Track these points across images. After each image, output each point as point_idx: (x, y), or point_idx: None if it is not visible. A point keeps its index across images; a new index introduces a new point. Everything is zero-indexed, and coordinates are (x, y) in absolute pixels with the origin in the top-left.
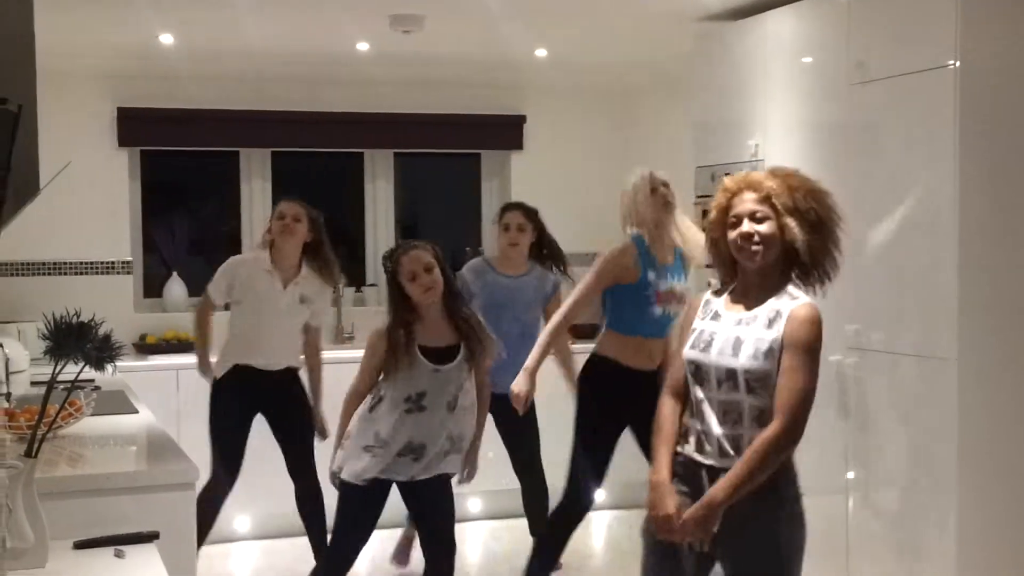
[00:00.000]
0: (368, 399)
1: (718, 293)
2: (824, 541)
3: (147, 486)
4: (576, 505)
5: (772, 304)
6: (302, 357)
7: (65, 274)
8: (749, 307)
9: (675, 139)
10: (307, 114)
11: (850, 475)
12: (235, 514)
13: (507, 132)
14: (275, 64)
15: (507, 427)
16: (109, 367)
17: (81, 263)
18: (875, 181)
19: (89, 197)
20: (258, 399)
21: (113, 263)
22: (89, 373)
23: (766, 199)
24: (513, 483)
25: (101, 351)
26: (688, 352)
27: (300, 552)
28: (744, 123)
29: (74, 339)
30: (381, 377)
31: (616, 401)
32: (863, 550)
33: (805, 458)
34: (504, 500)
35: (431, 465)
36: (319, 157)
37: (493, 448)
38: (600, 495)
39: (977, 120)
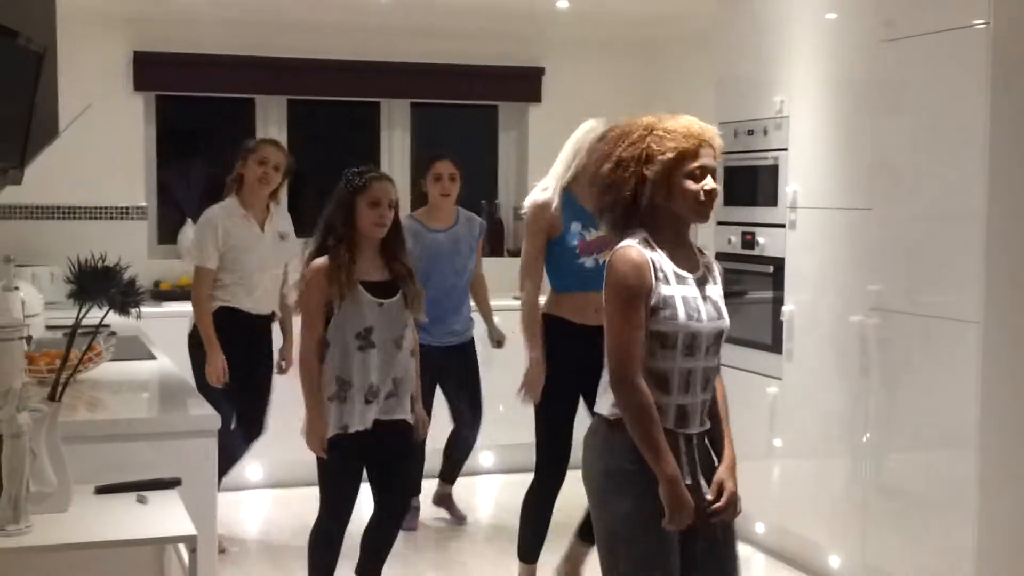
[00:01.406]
0: (326, 345)
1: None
2: (842, 501)
3: (168, 432)
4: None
5: (700, 260)
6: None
7: (79, 218)
8: (688, 265)
9: (697, 95)
10: (324, 62)
11: (867, 436)
12: (248, 462)
13: (525, 84)
14: (294, 10)
15: (450, 379)
16: (133, 312)
17: (95, 208)
18: (902, 140)
19: (104, 141)
20: (244, 341)
21: (127, 208)
22: (110, 317)
23: (715, 158)
24: (527, 438)
25: (126, 296)
26: (688, 324)
27: (313, 501)
28: (770, 80)
29: (100, 283)
30: (330, 324)
31: (570, 360)
32: (881, 512)
33: (825, 419)
34: (516, 454)
35: (388, 408)
36: (335, 106)
37: (504, 402)
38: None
39: (1008, 80)
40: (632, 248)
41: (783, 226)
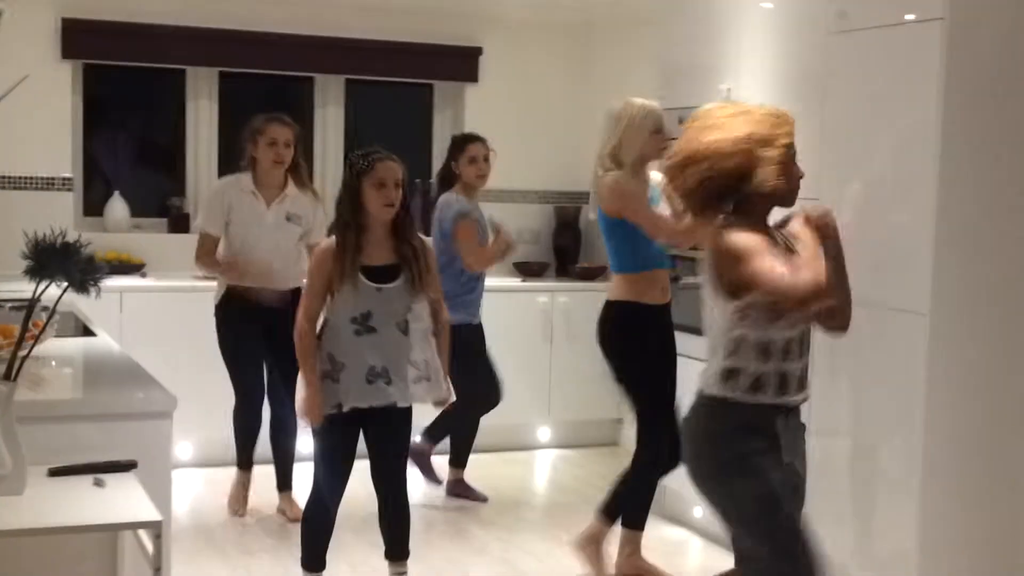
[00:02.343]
0: (324, 326)
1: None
2: None
3: (122, 414)
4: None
5: (779, 237)
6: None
7: (3, 188)
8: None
9: (637, 78)
10: (258, 34)
11: (811, 424)
12: (176, 440)
13: (462, 63)
14: None
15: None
16: (93, 290)
17: (20, 178)
18: (852, 132)
19: (29, 110)
20: (255, 319)
21: (53, 179)
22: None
23: None
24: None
25: (86, 273)
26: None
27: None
28: (716, 66)
29: (59, 260)
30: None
31: (655, 340)
32: (824, 499)
33: None
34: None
35: (405, 393)
36: (268, 80)
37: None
38: (545, 434)
39: (961, 76)
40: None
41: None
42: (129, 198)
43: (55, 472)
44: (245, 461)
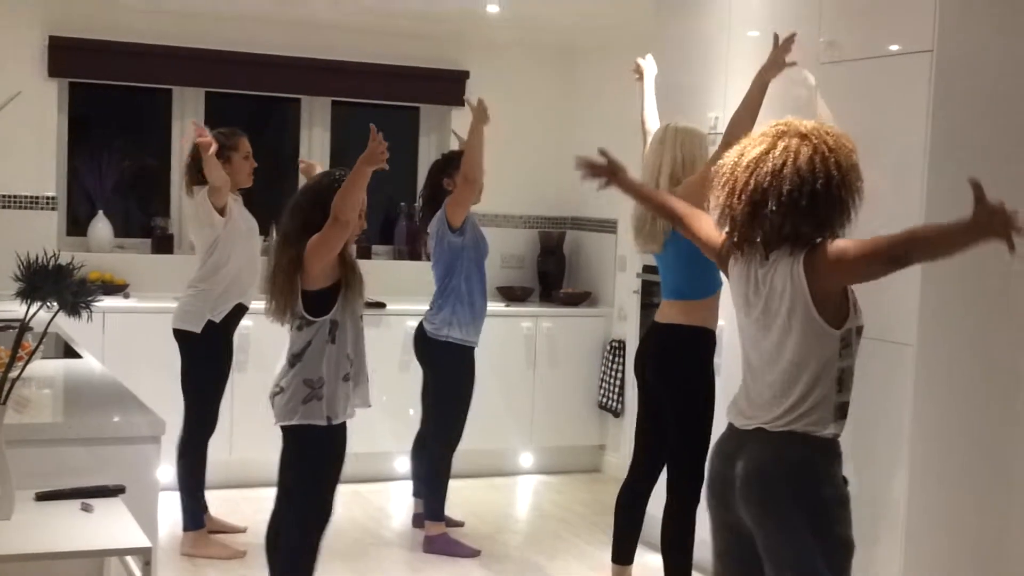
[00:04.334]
0: (326, 328)
1: None
2: None
3: (110, 438)
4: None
5: None
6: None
7: None
8: None
9: (624, 105)
10: (245, 55)
11: None
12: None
13: (449, 87)
14: (216, 1)
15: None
16: (84, 313)
17: (3, 196)
18: None
19: (14, 128)
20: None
21: (37, 198)
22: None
23: None
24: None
25: (78, 296)
26: (862, 318)
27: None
28: (704, 95)
29: (51, 282)
30: (337, 304)
31: (711, 368)
32: None
33: None
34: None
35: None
36: (255, 100)
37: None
38: (527, 459)
39: (949, 108)
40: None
41: None
42: (113, 218)
43: (43, 496)
44: (202, 513)
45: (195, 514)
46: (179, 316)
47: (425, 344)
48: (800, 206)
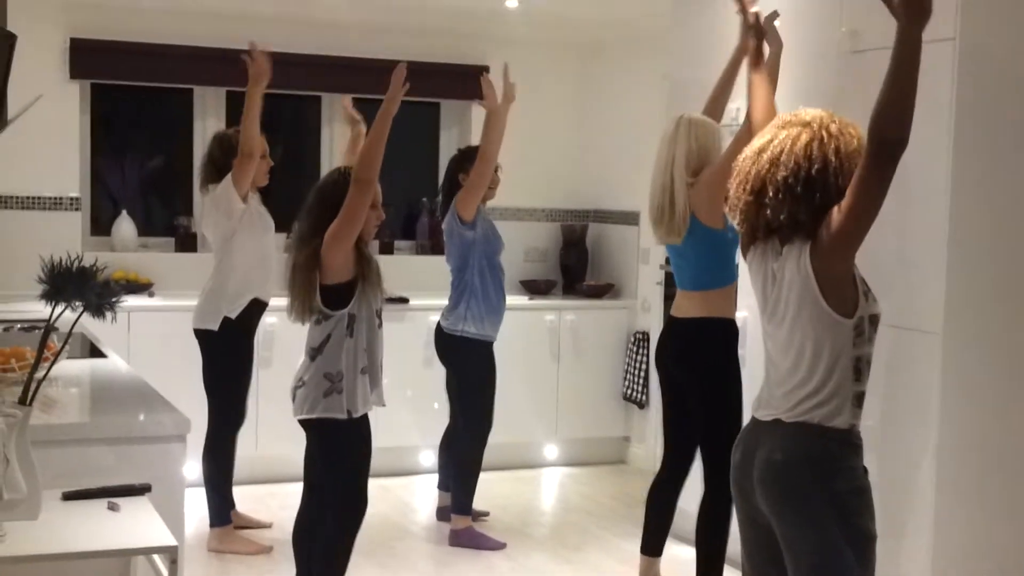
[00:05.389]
0: (344, 322)
1: None
2: None
3: (137, 437)
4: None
5: None
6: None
7: (11, 208)
8: None
9: (644, 98)
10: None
11: None
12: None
13: (469, 82)
14: (235, 1)
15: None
16: (109, 315)
17: (27, 198)
18: None
19: (37, 130)
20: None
21: (60, 199)
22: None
23: None
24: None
25: (102, 297)
26: (878, 307)
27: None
28: None
29: (75, 284)
30: (354, 298)
31: (735, 358)
32: None
33: None
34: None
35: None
36: (276, 98)
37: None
38: (552, 452)
39: (973, 96)
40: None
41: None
42: (136, 217)
43: (69, 496)
44: (229, 509)
45: (221, 510)
46: (197, 315)
47: (443, 340)
48: (795, 192)
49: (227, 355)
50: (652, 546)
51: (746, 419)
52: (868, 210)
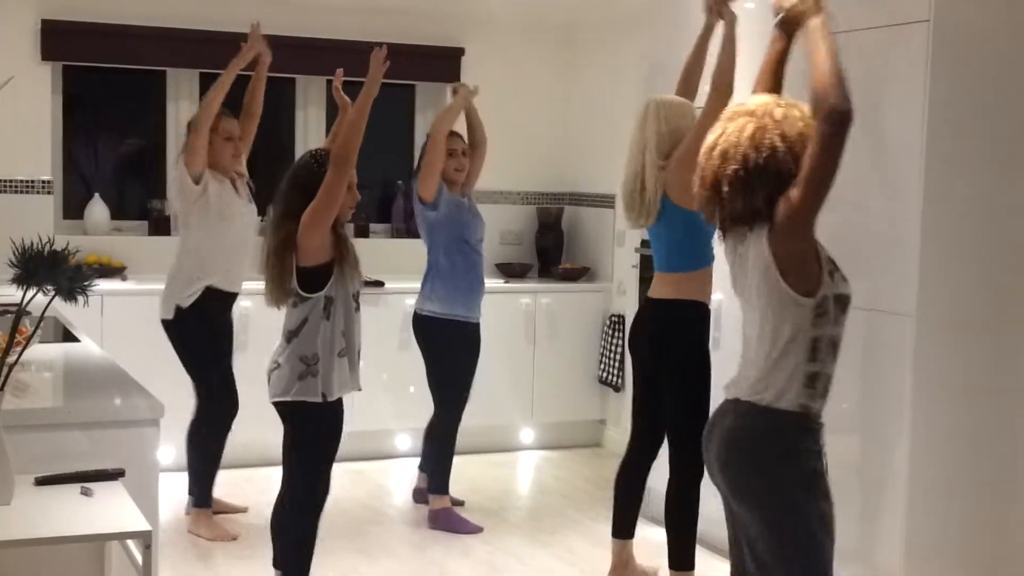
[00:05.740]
0: (320, 305)
1: None
2: None
3: (110, 421)
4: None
5: None
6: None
7: None
8: None
9: (622, 80)
10: (238, 36)
11: None
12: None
13: (445, 64)
14: None
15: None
16: (81, 299)
17: None
18: None
19: (8, 112)
20: (226, 319)
21: (32, 182)
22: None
23: None
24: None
25: (73, 281)
26: (846, 287)
27: None
28: (704, 68)
29: (47, 268)
30: (330, 282)
31: (706, 342)
32: None
33: None
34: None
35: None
36: (249, 81)
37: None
38: (528, 435)
39: (947, 77)
40: None
41: None
42: (109, 201)
43: (42, 481)
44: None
45: (202, 493)
46: (160, 304)
47: (414, 321)
48: (748, 183)
49: (183, 345)
50: (623, 528)
51: (719, 401)
52: (822, 185)
